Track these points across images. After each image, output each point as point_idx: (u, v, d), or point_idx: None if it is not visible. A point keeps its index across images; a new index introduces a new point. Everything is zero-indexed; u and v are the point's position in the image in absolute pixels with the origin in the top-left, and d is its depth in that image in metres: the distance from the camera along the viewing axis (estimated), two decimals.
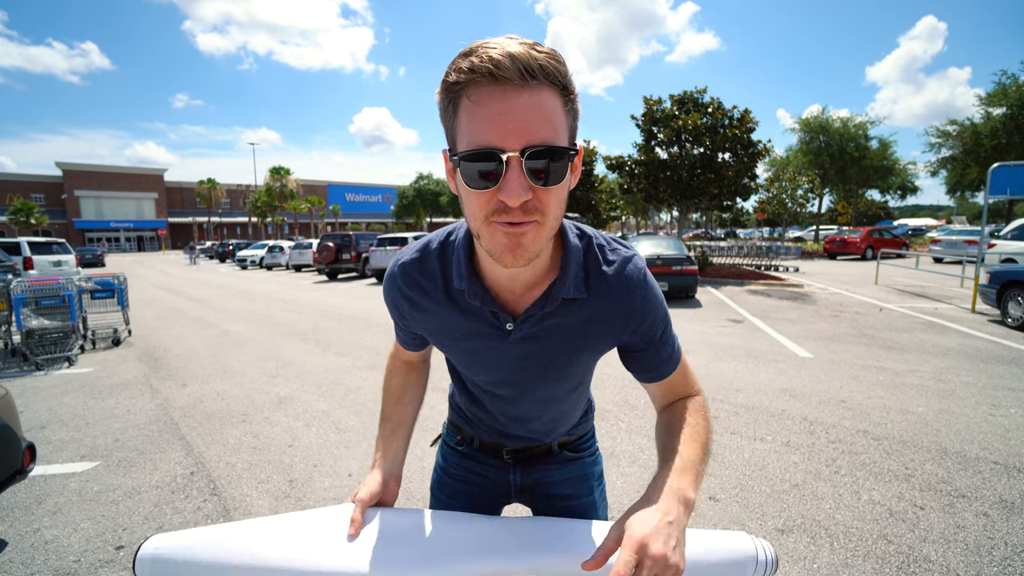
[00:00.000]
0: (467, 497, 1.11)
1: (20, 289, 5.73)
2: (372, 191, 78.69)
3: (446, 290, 0.84)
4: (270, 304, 10.90)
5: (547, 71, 0.59)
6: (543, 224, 0.65)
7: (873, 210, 53.03)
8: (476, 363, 0.90)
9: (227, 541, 0.74)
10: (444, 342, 0.90)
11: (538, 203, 0.63)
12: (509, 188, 0.60)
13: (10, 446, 2.26)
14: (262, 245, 26.82)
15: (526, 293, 0.81)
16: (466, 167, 0.62)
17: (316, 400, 4.44)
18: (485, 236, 0.66)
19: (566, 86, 0.63)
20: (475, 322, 0.84)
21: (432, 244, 0.87)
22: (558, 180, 0.63)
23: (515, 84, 0.58)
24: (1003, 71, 27.29)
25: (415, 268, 0.86)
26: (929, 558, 2.18)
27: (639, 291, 0.81)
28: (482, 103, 0.59)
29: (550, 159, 0.61)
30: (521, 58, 0.58)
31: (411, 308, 0.88)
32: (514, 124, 0.59)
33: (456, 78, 0.60)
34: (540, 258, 0.76)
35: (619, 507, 2.64)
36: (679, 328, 7.16)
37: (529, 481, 1.09)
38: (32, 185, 55.49)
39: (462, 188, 0.65)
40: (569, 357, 0.86)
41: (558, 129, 0.62)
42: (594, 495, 1.11)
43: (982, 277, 7.78)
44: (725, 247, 19.52)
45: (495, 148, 0.59)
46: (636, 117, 16.59)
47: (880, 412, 3.88)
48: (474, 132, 0.60)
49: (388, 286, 0.90)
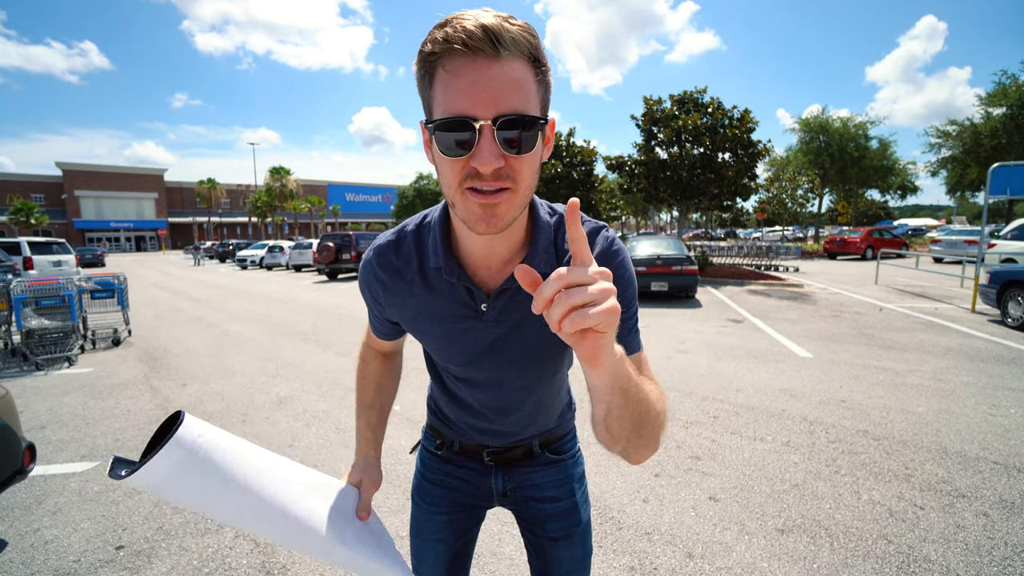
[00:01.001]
0: (448, 502, 1.09)
1: (20, 289, 5.73)
2: (372, 191, 78.70)
3: (420, 271, 0.84)
4: (270, 304, 10.90)
5: (519, 43, 0.61)
6: (515, 191, 0.66)
7: (873, 210, 53.03)
8: (450, 347, 0.89)
9: (247, 459, 0.70)
10: (418, 327, 0.90)
11: (510, 170, 0.64)
12: (482, 155, 0.61)
13: (10, 446, 2.26)
14: (262, 245, 26.81)
15: (502, 269, 0.81)
16: (441, 135, 0.63)
17: (316, 400, 4.44)
18: (460, 204, 0.67)
19: (538, 58, 0.64)
20: (449, 304, 0.84)
21: (408, 226, 0.88)
22: (529, 148, 0.64)
23: (487, 55, 0.60)
24: (1003, 71, 27.33)
25: (390, 250, 0.87)
26: (929, 558, 2.18)
27: (606, 261, 0.80)
28: (456, 73, 0.61)
29: (522, 128, 0.62)
30: (494, 29, 0.59)
31: (384, 292, 0.88)
32: (486, 93, 0.60)
33: (431, 48, 0.61)
34: (514, 232, 0.78)
35: (619, 507, 2.65)
36: (679, 328, 7.19)
37: (511, 484, 1.08)
38: (32, 185, 55.49)
39: (437, 156, 0.66)
40: (541, 337, 0.85)
41: (529, 99, 0.63)
42: (576, 497, 1.10)
43: (982, 277, 7.78)
44: (725, 247, 19.53)
45: (468, 116, 0.60)
46: (636, 117, 16.60)
47: (880, 412, 3.88)
48: (448, 101, 0.62)
49: (363, 271, 0.90)
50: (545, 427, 1.07)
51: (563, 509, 1.08)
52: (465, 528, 1.11)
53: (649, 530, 2.45)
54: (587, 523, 1.11)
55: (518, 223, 0.77)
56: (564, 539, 1.07)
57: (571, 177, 21.55)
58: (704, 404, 4.14)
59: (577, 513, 1.09)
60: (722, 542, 2.34)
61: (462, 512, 1.10)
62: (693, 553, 2.26)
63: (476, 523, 1.14)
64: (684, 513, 2.58)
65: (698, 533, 2.41)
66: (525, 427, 1.04)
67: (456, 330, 0.86)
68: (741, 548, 2.29)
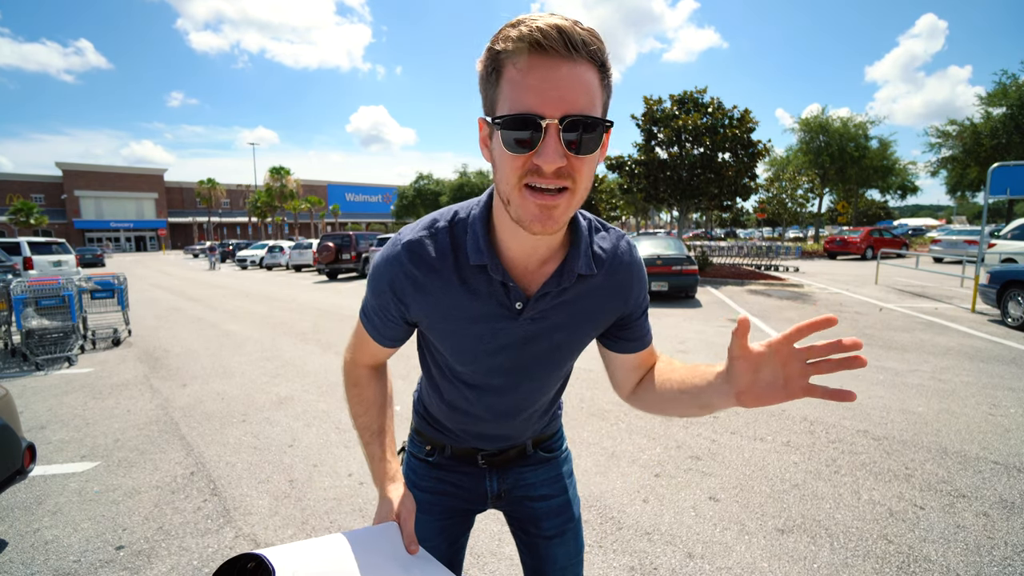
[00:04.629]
0: (440, 509, 1.07)
1: (20, 289, 5.73)
2: (372, 191, 78.70)
3: (456, 268, 0.81)
4: (270, 304, 10.90)
5: (589, 47, 0.62)
6: (574, 192, 0.67)
7: (873, 210, 53.03)
8: (478, 348, 0.86)
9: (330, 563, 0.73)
10: (447, 327, 0.86)
11: (571, 170, 0.65)
12: (546, 153, 0.62)
13: (10, 446, 2.26)
14: (262, 245, 26.81)
15: (539, 269, 0.82)
16: (505, 132, 0.64)
17: (316, 400, 4.44)
18: (516, 202, 0.68)
19: (604, 63, 0.66)
20: (485, 303, 0.82)
21: (439, 222, 0.84)
22: (591, 150, 0.65)
23: (559, 55, 0.61)
24: (1003, 71, 27.37)
25: (422, 247, 0.82)
26: (929, 558, 2.18)
27: (635, 265, 0.90)
28: (526, 71, 0.62)
29: (585, 129, 0.63)
30: (566, 31, 0.60)
31: (415, 290, 0.82)
32: (555, 92, 0.61)
33: (503, 46, 0.63)
34: (561, 229, 0.78)
35: (619, 507, 2.65)
36: (679, 328, 7.20)
37: (506, 486, 1.08)
38: (32, 185, 55.49)
39: (498, 152, 0.67)
40: (572, 334, 0.88)
41: (595, 101, 0.65)
42: (568, 493, 1.12)
43: (982, 277, 7.78)
44: (725, 247, 19.53)
45: (535, 114, 0.61)
46: (636, 117, 16.59)
47: (880, 412, 3.88)
48: (516, 98, 0.63)
49: (388, 268, 0.83)
50: (540, 427, 1.08)
51: (557, 506, 1.09)
52: (457, 534, 1.11)
53: (649, 530, 2.45)
54: (579, 519, 1.12)
55: None
56: (559, 536, 1.08)
57: None
58: None
59: (570, 509, 1.10)
60: (722, 542, 2.34)
61: (455, 518, 1.09)
62: (693, 553, 2.26)
63: (468, 528, 1.14)
64: (684, 513, 2.58)
65: (698, 533, 2.41)
66: (525, 430, 1.04)
67: (489, 330, 0.84)
68: (741, 548, 2.29)
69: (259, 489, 2.90)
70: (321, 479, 3.01)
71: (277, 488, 2.91)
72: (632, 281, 0.89)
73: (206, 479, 3.02)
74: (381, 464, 0.95)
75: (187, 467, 3.18)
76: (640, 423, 3.77)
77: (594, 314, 0.88)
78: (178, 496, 2.83)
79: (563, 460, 1.14)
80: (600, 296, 0.86)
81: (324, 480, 3.00)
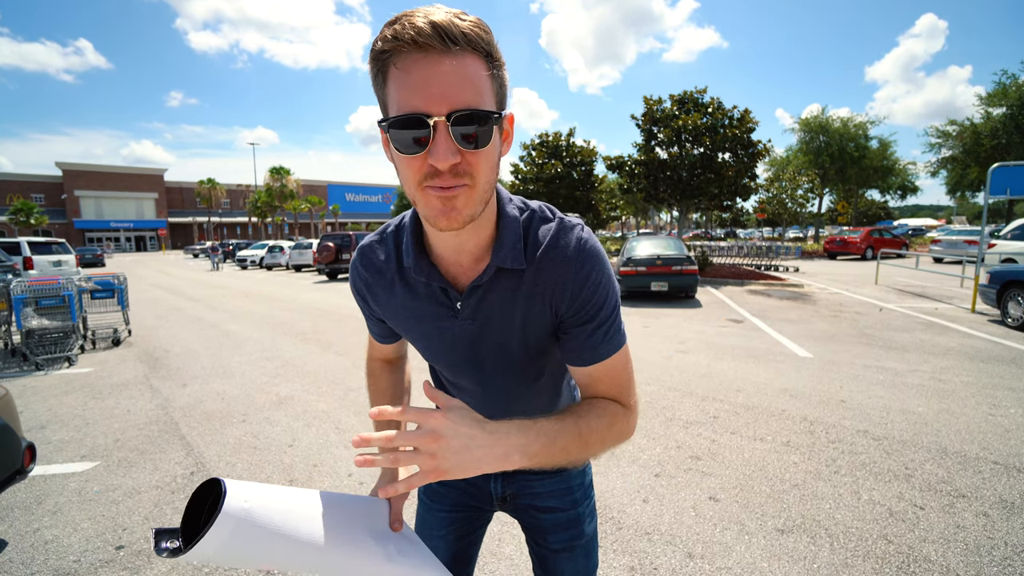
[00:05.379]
0: (451, 501, 1.09)
1: (20, 289, 5.73)
2: (372, 191, 78.70)
3: (399, 270, 0.85)
4: (270, 304, 10.90)
5: (469, 38, 0.61)
6: (474, 188, 0.66)
7: (873, 210, 53.06)
8: (432, 347, 0.90)
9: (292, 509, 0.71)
10: (401, 326, 0.91)
11: (467, 166, 0.64)
12: (437, 151, 0.61)
13: (10, 446, 2.26)
14: (262, 245, 26.80)
15: (473, 266, 0.81)
16: (396, 133, 0.63)
17: (316, 400, 4.44)
18: (420, 202, 0.67)
19: (491, 53, 0.64)
20: (426, 303, 0.84)
21: (389, 228, 0.89)
22: (485, 143, 0.64)
23: (438, 50, 0.59)
24: (1003, 71, 27.36)
25: (372, 250, 0.88)
26: (929, 558, 2.18)
27: (577, 263, 0.78)
28: (407, 70, 0.60)
29: (477, 123, 0.62)
30: (443, 25, 0.59)
31: (369, 292, 0.90)
32: (438, 89, 0.60)
33: (382, 47, 0.61)
34: (482, 228, 0.77)
35: (619, 507, 2.65)
36: (679, 328, 7.19)
37: (510, 490, 1.07)
38: (32, 185, 55.48)
39: (395, 155, 0.66)
40: (513, 334, 0.84)
41: (483, 94, 0.63)
42: (579, 509, 1.06)
43: (982, 277, 7.78)
44: (725, 247, 19.53)
45: (422, 113, 0.60)
46: (636, 117, 16.61)
47: (880, 412, 3.88)
48: (402, 99, 0.61)
49: (351, 272, 0.92)
50: None
51: (564, 520, 1.05)
52: (468, 529, 1.10)
53: (649, 530, 2.45)
54: (592, 536, 1.07)
55: (486, 219, 0.76)
56: (567, 551, 1.05)
57: (571, 177, 21.56)
58: (704, 404, 4.14)
59: (579, 526, 1.06)
60: (722, 542, 2.34)
61: (465, 512, 1.09)
62: (693, 553, 2.26)
63: (480, 525, 1.13)
64: (684, 513, 2.59)
65: (698, 533, 2.41)
66: None
67: (435, 329, 0.86)
68: (741, 548, 2.29)
69: None
70: (321, 479, 3.01)
71: None
72: (566, 278, 0.78)
73: (206, 479, 3.02)
74: None
75: (187, 467, 3.18)
76: (640, 423, 3.76)
77: (527, 312, 0.81)
78: (178, 496, 2.83)
79: (577, 474, 1.08)
80: (532, 293, 0.80)
81: (324, 480, 3.00)
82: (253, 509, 0.64)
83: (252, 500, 0.65)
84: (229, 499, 0.61)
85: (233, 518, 0.61)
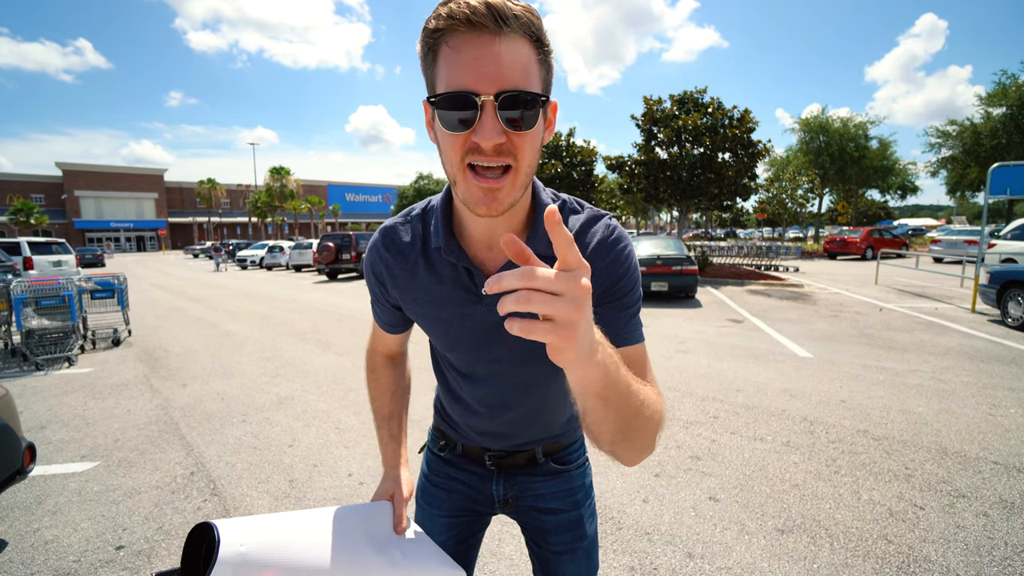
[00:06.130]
0: (450, 505, 1.08)
1: (20, 289, 5.73)
2: (372, 191, 78.70)
3: (424, 252, 0.85)
4: (270, 304, 10.90)
5: (521, 21, 0.61)
6: (517, 170, 0.66)
7: (873, 210, 53.03)
8: (451, 333, 0.88)
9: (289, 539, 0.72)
10: (420, 311, 0.89)
11: (511, 147, 0.64)
12: (483, 130, 0.61)
13: (10, 446, 2.26)
14: (262, 245, 26.79)
15: (502, 251, 0.80)
16: (443, 112, 0.63)
17: (316, 400, 4.44)
18: (460, 183, 0.67)
19: (540, 38, 0.65)
20: (451, 287, 0.84)
21: (415, 210, 0.89)
22: (531, 125, 0.64)
23: (490, 31, 0.60)
24: (1003, 71, 27.35)
25: (396, 231, 0.88)
26: (929, 558, 2.18)
27: (606, 247, 0.79)
28: (459, 48, 0.61)
29: (524, 105, 0.62)
30: (496, 6, 0.59)
31: (389, 274, 0.88)
32: (489, 69, 0.60)
33: (435, 25, 0.62)
34: (515, 214, 0.77)
35: (619, 507, 2.65)
36: (679, 328, 7.20)
37: (512, 492, 1.06)
38: (32, 185, 55.49)
39: (440, 133, 0.66)
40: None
41: (531, 77, 0.63)
42: (580, 510, 1.06)
43: (982, 277, 7.78)
44: (725, 247, 19.52)
45: (470, 91, 0.61)
46: (636, 117, 16.60)
47: (880, 412, 3.88)
48: (451, 77, 0.62)
49: (369, 253, 0.91)
50: (548, 432, 1.03)
51: (567, 521, 1.05)
52: (467, 533, 1.10)
53: (649, 530, 2.45)
54: (593, 537, 1.07)
55: (520, 205, 0.77)
56: (568, 553, 1.05)
57: (571, 177, 21.55)
58: (704, 404, 4.14)
59: (581, 527, 1.06)
60: (722, 542, 2.34)
61: (464, 516, 1.09)
62: (693, 553, 2.26)
63: (479, 529, 1.13)
64: (684, 513, 2.59)
65: (698, 533, 2.41)
66: (523, 429, 1.00)
67: (457, 315, 0.85)
68: (741, 548, 2.29)
69: (259, 489, 2.90)
70: (321, 479, 3.01)
71: (277, 488, 2.91)
72: (594, 263, 0.76)
73: (206, 479, 3.02)
74: (386, 447, 1.04)
75: (187, 467, 3.18)
76: None
77: None
78: (178, 496, 2.83)
79: (578, 475, 1.08)
80: None
81: (324, 480, 3.00)
82: (249, 552, 0.64)
83: (248, 541, 0.65)
84: (223, 547, 0.62)
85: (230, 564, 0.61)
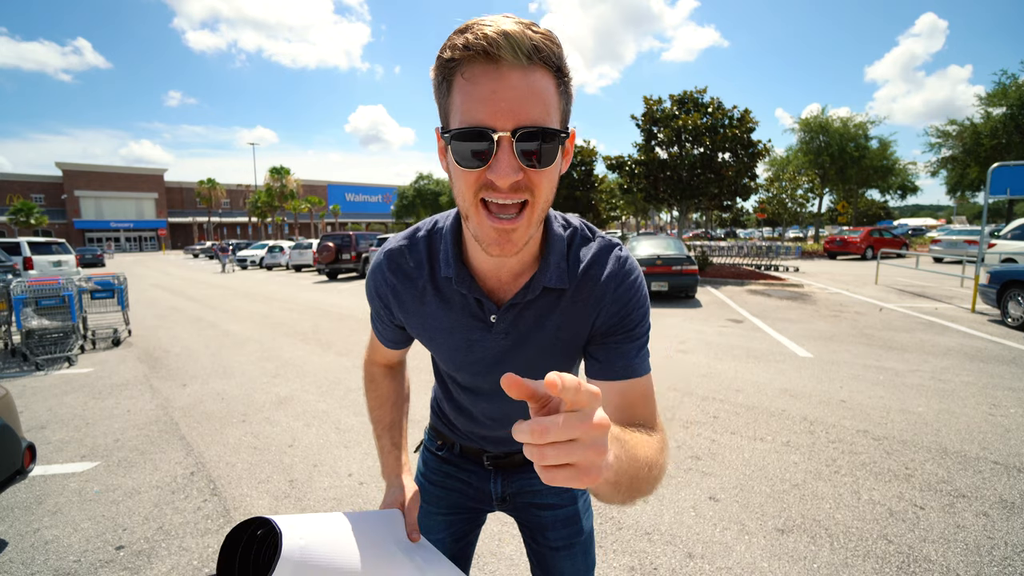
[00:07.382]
0: (447, 503, 1.09)
1: (20, 289, 5.73)
2: (372, 191, 78.69)
3: (431, 278, 0.82)
4: (270, 304, 10.90)
5: (542, 52, 0.59)
6: (534, 206, 0.64)
7: (873, 210, 53.03)
8: (457, 358, 0.88)
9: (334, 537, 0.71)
10: (426, 335, 0.88)
11: (528, 183, 0.62)
12: (499, 168, 0.59)
13: (10, 446, 2.26)
14: (262, 245, 26.80)
15: (512, 281, 0.80)
16: (457, 145, 0.61)
17: (316, 400, 4.44)
18: (473, 220, 0.65)
19: (560, 68, 0.62)
20: (459, 315, 0.82)
21: (420, 231, 0.86)
22: (549, 162, 0.62)
23: (509, 63, 0.57)
24: (1003, 71, 27.35)
25: (402, 255, 0.84)
26: (929, 558, 2.18)
27: (617, 280, 0.79)
28: (475, 81, 0.58)
29: (542, 141, 0.60)
30: (516, 37, 0.57)
31: (395, 298, 0.86)
32: (506, 104, 0.58)
33: (451, 55, 0.59)
34: (529, 246, 0.76)
35: (619, 507, 2.65)
36: (679, 328, 7.19)
37: (511, 490, 1.07)
38: (32, 185, 55.47)
39: (452, 166, 0.64)
40: (545, 349, 0.83)
41: (550, 111, 0.61)
42: (577, 504, 1.07)
43: (982, 277, 7.78)
44: (725, 247, 19.53)
45: (486, 127, 0.58)
46: (636, 117, 16.59)
47: (880, 412, 3.88)
48: (467, 110, 0.59)
49: (372, 276, 0.88)
50: None
51: (564, 517, 1.06)
52: (464, 531, 1.11)
53: (649, 530, 2.45)
54: (589, 533, 1.08)
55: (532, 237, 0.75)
56: (566, 548, 1.05)
57: (571, 177, 21.55)
58: (704, 404, 4.14)
59: (579, 522, 1.07)
60: (722, 542, 2.34)
61: (461, 514, 1.09)
62: (693, 553, 2.26)
63: (476, 526, 1.13)
64: (684, 513, 2.58)
65: (698, 533, 2.41)
66: None
67: (464, 341, 0.84)
68: (741, 548, 2.29)
69: (259, 489, 2.90)
70: (321, 479, 3.01)
71: (277, 488, 2.91)
72: (606, 295, 0.78)
73: (206, 479, 3.02)
74: (389, 456, 1.02)
75: (187, 467, 3.18)
76: None
77: (565, 330, 0.81)
78: (178, 496, 2.83)
79: None
80: (571, 311, 0.80)
81: (324, 480, 3.00)
82: (309, 546, 0.62)
83: (307, 536, 0.63)
84: (287, 540, 0.59)
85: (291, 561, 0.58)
